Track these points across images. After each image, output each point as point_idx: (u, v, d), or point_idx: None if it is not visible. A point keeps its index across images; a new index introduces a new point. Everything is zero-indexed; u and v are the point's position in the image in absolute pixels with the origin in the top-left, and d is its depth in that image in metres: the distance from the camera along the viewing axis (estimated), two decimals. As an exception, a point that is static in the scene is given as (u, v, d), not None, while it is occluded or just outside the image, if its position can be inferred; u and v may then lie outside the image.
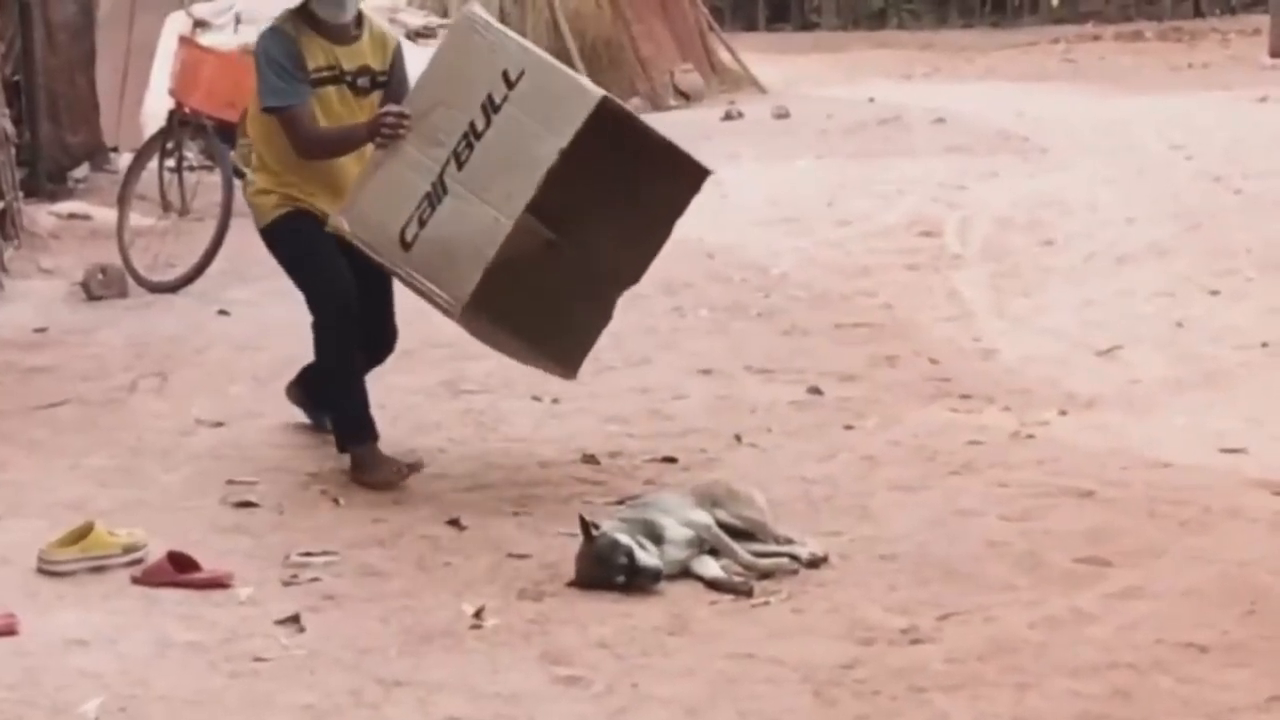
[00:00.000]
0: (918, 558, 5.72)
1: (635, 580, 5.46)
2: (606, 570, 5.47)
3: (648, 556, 5.49)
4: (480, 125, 6.17)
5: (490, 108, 6.15)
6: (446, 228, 6.18)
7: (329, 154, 6.70)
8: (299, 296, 7.02)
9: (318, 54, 6.69)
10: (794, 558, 5.64)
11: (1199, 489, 6.34)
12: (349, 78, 6.72)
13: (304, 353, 7.18)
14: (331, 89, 6.68)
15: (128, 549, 5.77)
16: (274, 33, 6.75)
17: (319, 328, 6.76)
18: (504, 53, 6.21)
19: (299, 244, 6.75)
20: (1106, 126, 15.48)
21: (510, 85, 6.13)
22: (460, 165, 6.18)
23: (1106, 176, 12.93)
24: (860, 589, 5.47)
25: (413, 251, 6.24)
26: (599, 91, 6.13)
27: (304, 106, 6.61)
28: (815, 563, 5.65)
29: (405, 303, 7.87)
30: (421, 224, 6.21)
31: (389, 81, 6.79)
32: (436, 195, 6.20)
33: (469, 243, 6.13)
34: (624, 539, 5.51)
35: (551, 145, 6.04)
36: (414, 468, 6.61)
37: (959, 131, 15.56)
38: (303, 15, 6.77)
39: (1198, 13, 27.61)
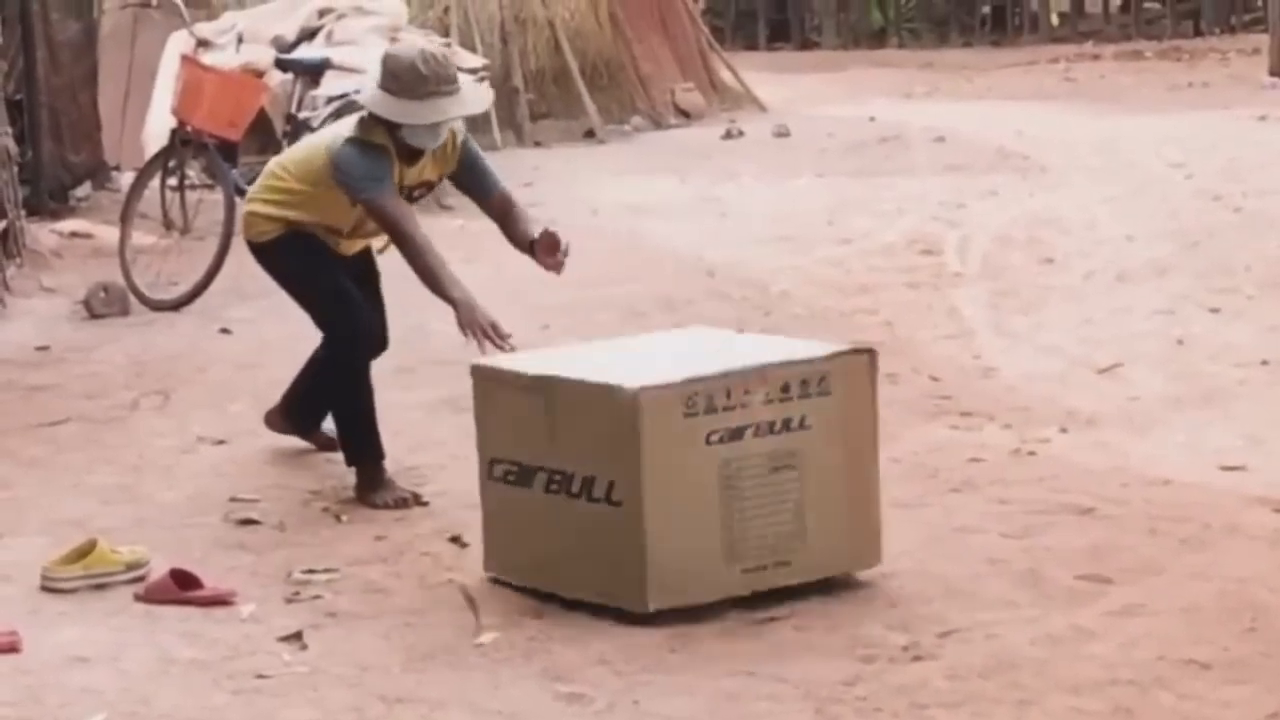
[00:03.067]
0: (919, 575, 5.73)
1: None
2: None
3: None
4: None
5: None
6: None
7: (417, 261, 6.45)
8: (300, 315, 7.03)
9: (406, 175, 6.59)
10: None
11: (1199, 506, 6.35)
12: (406, 191, 6.65)
13: (306, 370, 7.20)
14: None
15: (130, 566, 5.79)
16: (372, 148, 6.44)
17: (334, 345, 6.78)
18: None
19: (307, 261, 6.73)
20: (1106, 145, 15.50)
21: None
22: None
23: (1106, 195, 12.94)
24: (861, 606, 5.48)
25: None
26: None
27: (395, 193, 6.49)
28: None
29: (405, 318, 7.89)
30: None
31: (460, 180, 6.70)
32: None
33: None
34: None
35: None
36: (417, 499, 6.61)
37: (959, 150, 15.57)
38: (386, 128, 6.48)
39: (1197, 32, 27.60)
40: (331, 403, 6.90)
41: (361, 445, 6.72)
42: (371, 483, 6.64)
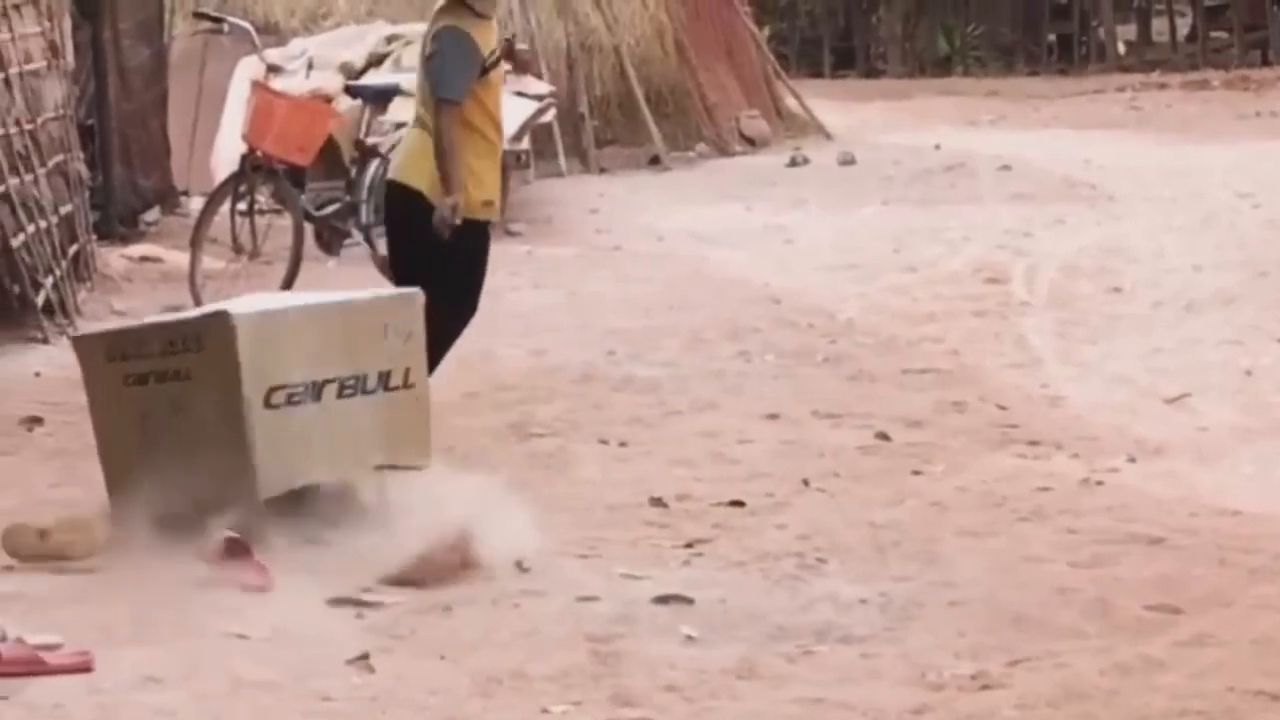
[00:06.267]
0: (987, 604, 5.71)
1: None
2: None
3: None
4: None
5: None
6: None
7: (445, 156, 7.08)
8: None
9: (489, 40, 7.15)
10: None
11: (1268, 537, 6.31)
12: (492, 57, 7.17)
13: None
14: (497, 71, 7.21)
15: None
16: (459, 35, 7.08)
17: (455, 313, 7.22)
18: None
19: (483, 250, 7.34)
20: (1173, 174, 15.45)
21: None
22: None
23: (1173, 224, 12.91)
24: (929, 635, 5.46)
25: None
26: None
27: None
28: None
29: (472, 344, 7.92)
30: None
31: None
32: None
33: None
34: None
35: None
36: None
37: (1025, 179, 15.55)
38: (464, 8, 7.12)
39: (1265, 61, 27.48)
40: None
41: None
42: None
